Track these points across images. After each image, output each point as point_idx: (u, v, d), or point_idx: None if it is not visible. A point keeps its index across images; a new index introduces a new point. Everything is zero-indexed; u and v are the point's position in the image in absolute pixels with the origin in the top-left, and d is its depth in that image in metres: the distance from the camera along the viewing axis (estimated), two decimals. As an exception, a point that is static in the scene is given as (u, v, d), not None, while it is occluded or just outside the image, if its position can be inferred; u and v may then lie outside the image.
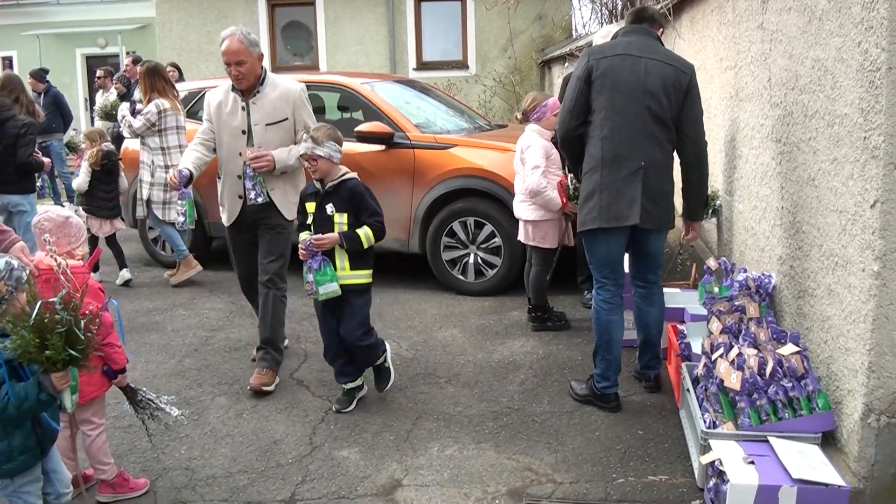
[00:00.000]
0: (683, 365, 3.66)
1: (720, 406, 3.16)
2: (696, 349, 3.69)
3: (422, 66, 13.87)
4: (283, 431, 3.71)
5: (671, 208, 3.74)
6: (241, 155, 4.17)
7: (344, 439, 3.63)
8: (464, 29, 13.79)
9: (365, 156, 5.97)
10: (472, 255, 5.85)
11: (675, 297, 4.39)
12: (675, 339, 3.99)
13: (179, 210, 4.39)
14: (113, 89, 9.33)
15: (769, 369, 3.03)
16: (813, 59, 3.09)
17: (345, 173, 3.78)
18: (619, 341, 3.80)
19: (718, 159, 4.74)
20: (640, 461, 3.35)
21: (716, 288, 3.93)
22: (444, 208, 5.83)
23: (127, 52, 10.84)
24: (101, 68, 10.02)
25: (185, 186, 4.26)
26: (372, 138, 5.91)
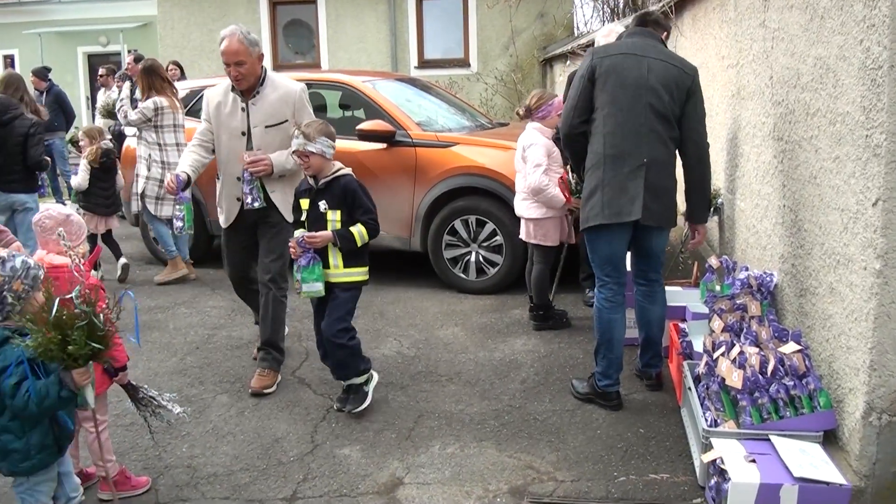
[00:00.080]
0: (685, 363, 3.66)
1: (722, 404, 3.16)
2: (698, 347, 3.69)
3: (423, 64, 13.87)
4: (284, 429, 3.72)
5: (673, 206, 3.74)
6: (239, 159, 4.11)
7: (345, 437, 3.64)
8: (465, 27, 13.78)
9: (366, 154, 5.97)
10: (473, 254, 5.85)
11: (676, 295, 4.38)
12: (677, 338, 3.99)
13: (178, 216, 4.33)
14: (115, 87, 9.33)
15: (771, 368, 3.03)
16: (815, 57, 3.08)
17: (338, 169, 3.72)
18: (620, 340, 3.80)
19: (720, 157, 4.74)
20: (642, 459, 3.35)
21: (717, 286, 3.93)
22: (446, 206, 5.83)
23: (129, 51, 10.83)
24: (103, 66, 9.99)
25: (182, 191, 4.20)
26: (373, 136, 5.91)
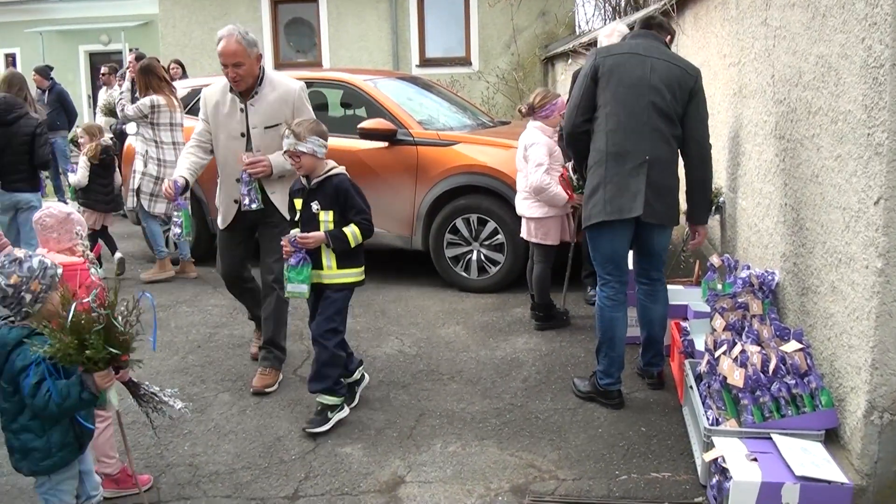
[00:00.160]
0: (686, 362, 3.66)
1: (723, 403, 3.16)
2: (699, 346, 3.69)
3: (425, 62, 13.86)
4: (286, 428, 3.72)
5: (675, 205, 3.73)
6: (238, 161, 4.04)
7: (347, 436, 3.64)
8: (467, 25, 13.77)
9: (368, 153, 5.98)
10: (475, 252, 5.85)
11: (678, 293, 4.38)
12: (679, 336, 3.99)
13: (176, 222, 4.25)
14: (116, 86, 9.33)
15: (772, 366, 3.03)
16: (816, 55, 3.08)
17: (331, 169, 3.63)
18: (622, 338, 3.80)
19: (722, 156, 4.73)
20: (643, 458, 3.35)
21: (719, 285, 3.92)
22: (448, 205, 5.83)
23: (130, 49, 10.84)
24: (105, 65, 9.98)
25: (180, 196, 4.11)
26: (375, 135, 5.91)
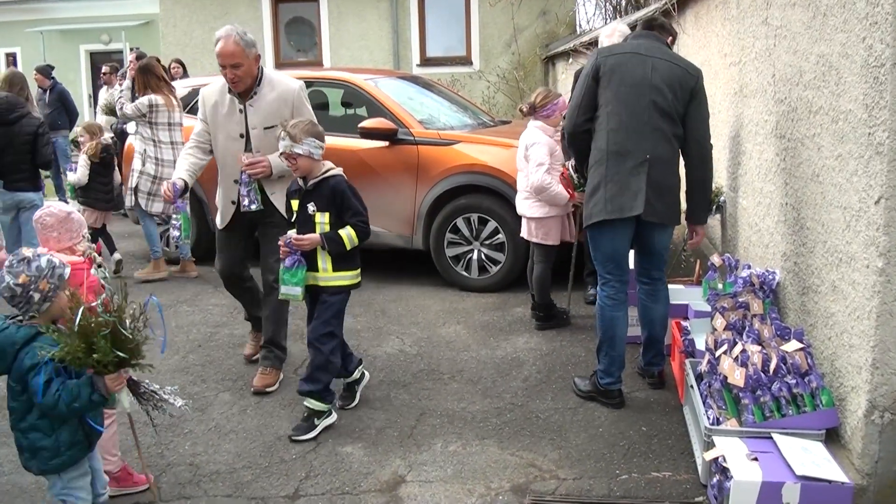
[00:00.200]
0: (687, 361, 3.66)
1: (724, 402, 3.16)
2: (700, 346, 3.69)
3: (425, 62, 13.85)
4: (286, 427, 3.72)
5: (677, 204, 3.73)
6: (237, 161, 4.02)
7: (347, 435, 3.64)
8: (467, 25, 13.76)
9: (369, 152, 5.98)
10: (475, 252, 5.85)
11: (678, 293, 4.37)
12: (679, 336, 3.99)
13: (175, 225, 4.21)
14: (117, 86, 9.33)
15: (773, 366, 3.03)
16: (817, 54, 3.08)
17: (327, 170, 3.59)
18: (622, 338, 3.80)
19: (722, 155, 4.73)
20: (644, 457, 3.35)
21: (719, 284, 3.92)
22: (448, 204, 5.83)
23: (131, 49, 10.82)
24: (106, 64, 9.96)
25: (180, 198, 4.09)
26: (376, 134, 5.91)
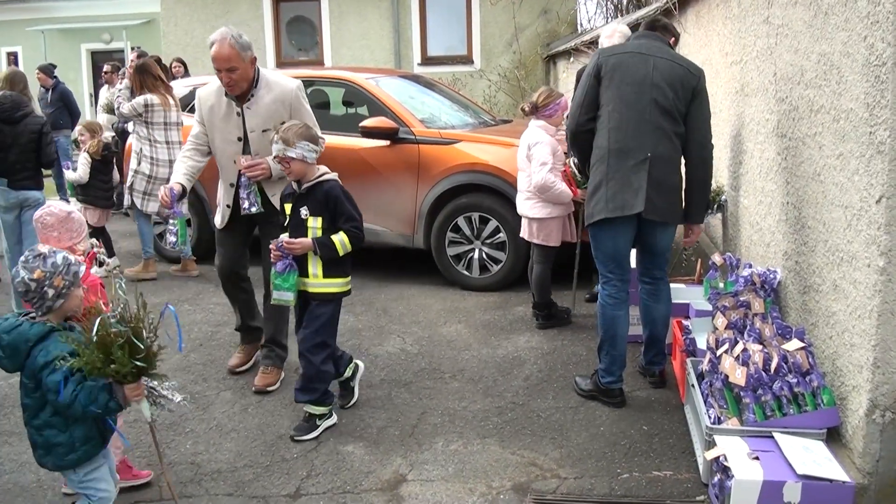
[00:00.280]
0: (688, 360, 3.66)
1: (725, 402, 3.16)
2: (701, 345, 3.69)
3: (426, 61, 13.84)
4: (288, 426, 3.72)
5: (678, 202, 3.72)
6: (235, 162, 3.98)
7: (349, 434, 3.64)
8: (468, 24, 13.75)
9: (370, 151, 5.98)
10: (476, 251, 5.85)
11: (679, 292, 4.38)
12: (680, 335, 3.99)
13: (171, 230, 4.16)
14: (118, 84, 9.33)
15: (774, 365, 3.03)
16: (818, 53, 3.07)
17: (322, 174, 3.54)
18: (624, 336, 3.80)
19: (724, 154, 4.72)
20: (645, 457, 3.35)
21: (721, 283, 3.92)
22: (449, 204, 5.83)
23: (132, 48, 10.82)
24: (108, 63, 9.94)
25: (177, 203, 4.01)
26: (377, 133, 5.91)
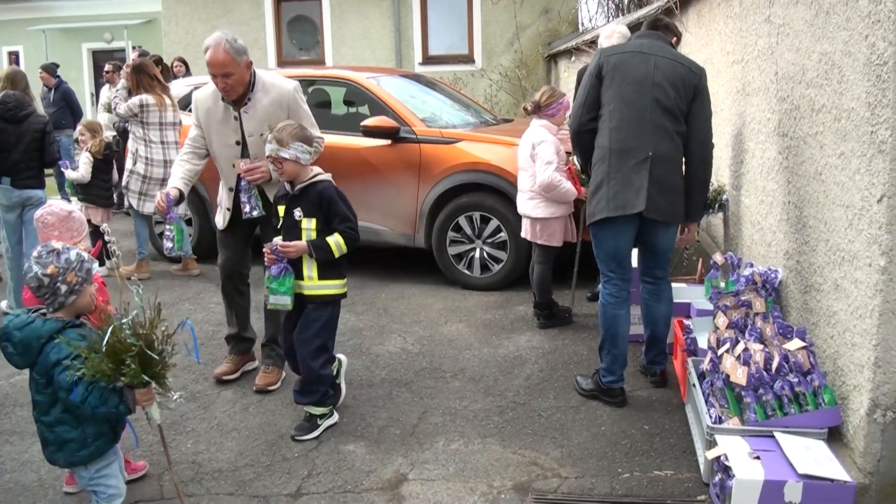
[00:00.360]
0: (689, 360, 3.66)
1: (726, 401, 3.16)
2: (702, 344, 3.69)
3: (427, 60, 13.84)
4: (289, 426, 3.72)
5: (680, 202, 3.71)
6: (234, 166, 3.95)
7: (350, 434, 3.64)
8: (470, 23, 13.74)
9: (371, 150, 5.98)
10: (477, 250, 5.85)
11: (681, 291, 4.37)
12: (681, 334, 3.99)
13: (168, 235, 4.11)
14: (123, 81, 9.34)
15: (775, 364, 3.03)
16: (820, 52, 3.07)
17: (315, 175, 3.50)
18: (625, 336, 3.80)
19: (725, 154, 4.72)
20: (646, 456, 3.35)
21: (722, 283, 3.92)
22: (450, 203, 5.83)
23: (133, 47, 10.83)
24: (109, 63, 9.93)
25: (174, 207, 3.95)
26: (378, 133, 5.91)
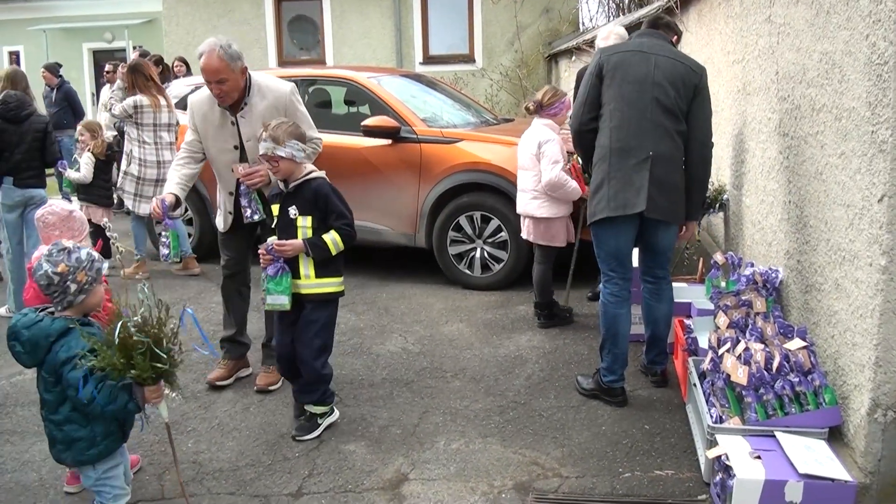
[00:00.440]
0: (690, 360, 3.66)
1: (727, 401, 3.16)
2: (703, 344, 3.69)
3: (428, 60, 13.84)
4: (289, 425, 3.72)
5: (681, 201, 3.71)
6: (233, 171, 3.92)
7: (350, 433, 3.65)
8: (470, 23, 13.74)
9: (371, 150, 5.98)
10: (478, 250, 5.85)
11: (681, 291, 4.37)
12: (682, 334, 3.99)
13: (164, 242, 4.07)
14: (120, 81, 9.35)
15: (776, 364, 3.03)
16: (821, 52, 3.07)
17: (309, 172, 3.48)
18: (625, 335, 3.80)
19: (726, 153, 4.72)
20: (647, 456, 3.35)
21: (723, 282, 3.92)
22: (451, 203, 5.83)
23: (134, 47, 10.83)
24: (109, 62, 9.95)
25: (171, 213, 3.92)
26: (378, 133, 5.91)
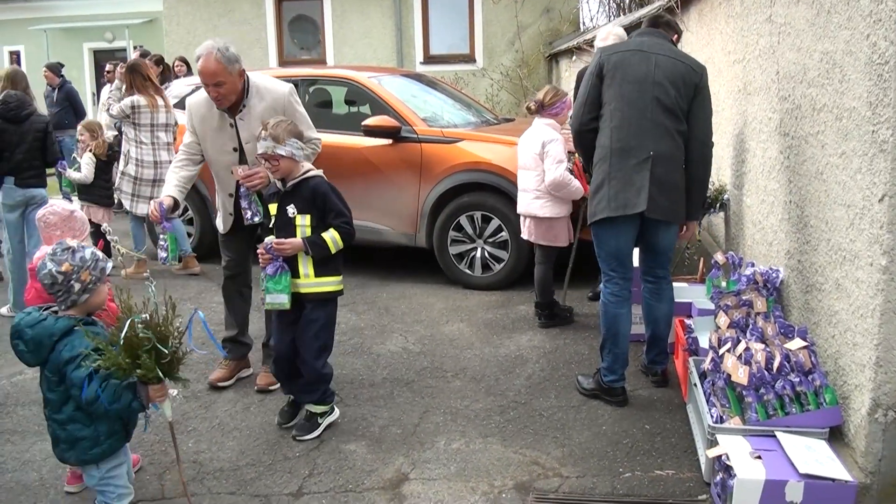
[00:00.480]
0: (691, 359, 3.66)
1: (727, 400, 3.16)
2: (704, 344, 3.69)
3: (429, 59, 13.84)
4: (290, 425, 3.72)
5: (681, 201, 3.71)
6: (232, 173, 3.91)
7: (351, 433, 3.65)
8: (471, 22, 13.74)
9: (372, 150, 5.98)
10: (479, 250, 5.85)
11: (682, 291, 4.37)
12: (683, 334, 3.99)
13: (162, 245, 4.03)
14: (117, 81, 9.36)
15: (776, 364, 3.03)
16: (821, 52, 3.07)
17: (307, 171, 3.48)
18: (626, 335, 3.80)
19: (726, 153, 4.72)
20: (647, 455, 3.35)
21: (723, 282, 3.92)
22: (452, 202, 5.83)
23: (135, 47, 10.83)
24: (110, 62, 9.96)
25: (169, 215, 3.88)
26: (379, 132, 5.91)
